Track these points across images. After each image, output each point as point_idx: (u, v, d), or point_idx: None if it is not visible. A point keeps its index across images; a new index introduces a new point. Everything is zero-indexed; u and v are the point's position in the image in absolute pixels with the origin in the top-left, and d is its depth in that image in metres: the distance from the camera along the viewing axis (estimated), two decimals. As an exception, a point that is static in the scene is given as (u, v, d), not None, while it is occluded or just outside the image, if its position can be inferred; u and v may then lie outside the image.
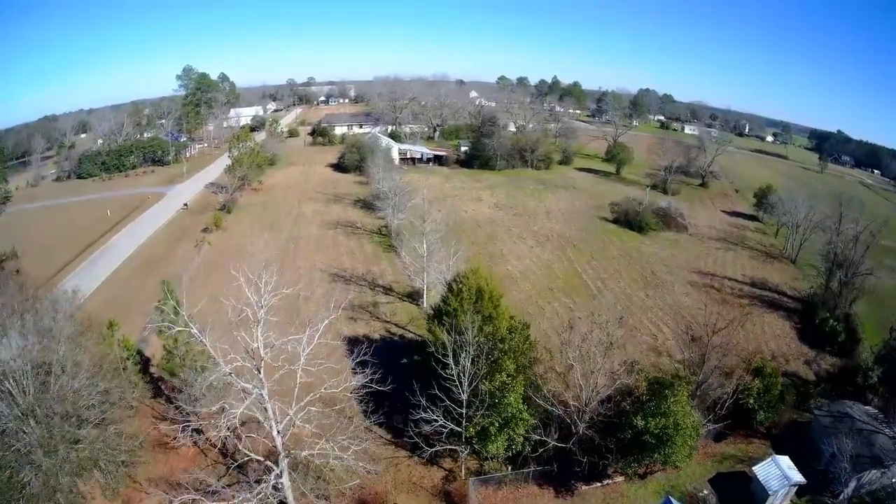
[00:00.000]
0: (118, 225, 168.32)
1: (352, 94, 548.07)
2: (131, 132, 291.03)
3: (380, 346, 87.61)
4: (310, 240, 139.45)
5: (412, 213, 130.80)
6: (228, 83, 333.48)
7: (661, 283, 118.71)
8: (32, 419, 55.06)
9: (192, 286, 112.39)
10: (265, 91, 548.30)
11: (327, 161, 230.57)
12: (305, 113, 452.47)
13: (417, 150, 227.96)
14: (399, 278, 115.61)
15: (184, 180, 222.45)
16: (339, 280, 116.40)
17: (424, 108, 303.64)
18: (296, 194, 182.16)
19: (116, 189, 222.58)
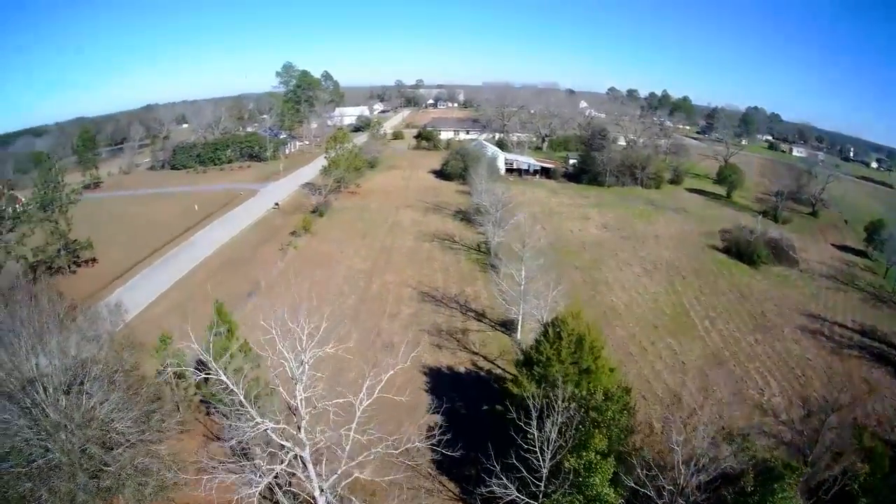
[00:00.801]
0: (204, 221, 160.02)
1: (461, 98, 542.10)
2: (229, 126, 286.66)
3: (464, 380, 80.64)
4: (403, 252, 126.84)
5: (515, 230, 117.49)
6: (332, 82, 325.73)
7: (771, 327, 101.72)
8: (63, 434, 50.38)
9: (268, 295, 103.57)
10: (372, 91, 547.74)
11: (430, 167, 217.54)
12: (413, 116, 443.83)
13: (524, 161, 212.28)
14: (494, 303, 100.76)
15: (279, 178, 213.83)
16: (430, 300, 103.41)
17: (533, 116, 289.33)
18: (394, 201, 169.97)
19: (208, 183, 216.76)
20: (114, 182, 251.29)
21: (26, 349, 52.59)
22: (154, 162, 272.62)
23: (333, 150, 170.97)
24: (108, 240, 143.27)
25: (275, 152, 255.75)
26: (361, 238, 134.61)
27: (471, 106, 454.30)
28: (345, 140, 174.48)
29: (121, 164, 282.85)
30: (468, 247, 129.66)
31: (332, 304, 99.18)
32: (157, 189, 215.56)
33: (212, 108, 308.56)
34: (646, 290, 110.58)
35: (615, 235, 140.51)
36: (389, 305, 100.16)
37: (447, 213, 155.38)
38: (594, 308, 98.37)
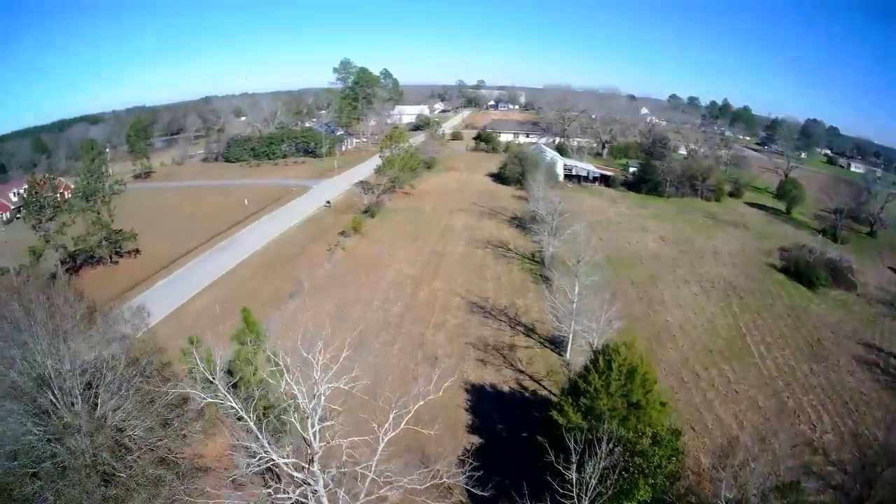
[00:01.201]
0: (253, 216, 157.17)
1: (522, 100, 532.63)
2: (286, 121, 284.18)
3: (507, 400, 75.07)
4: (454, 258, 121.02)
5: (571, 241, 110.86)
6: (391, 80, 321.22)
7: (827, 356, 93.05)
8: (72, 438, 48.41)
9: (311, 297, 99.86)
10: (433, 91, 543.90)
11: (488, 169, 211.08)
12: (473, 116, 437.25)
13: (583, 168, 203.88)
14: (544, 318, 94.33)
15: (333, 175, 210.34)
16: (478, 311, 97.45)
17: (594, 121, 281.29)
18: (448, 204, 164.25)
19: (261, 177, 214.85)
20: (166, 172, 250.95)
21: (42, 350, 50.09)
22: (208, 154, 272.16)
23: (388, 149, 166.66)
24: (155, 231, 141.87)
25: (330, 149, 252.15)
26: (412, 241, 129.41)
27: (532, 108, 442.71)
28: (400, 139, 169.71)
29: (174, 154, 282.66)
30: (522, 256, 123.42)
31: (377, 311, 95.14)
32: (208, 181, 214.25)
33: (268, 101, 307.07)
34: (702, 311, 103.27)
35: (673, 250, 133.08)
36: (436, 314, 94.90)
37: (502, 218, 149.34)
38: (648, 327, 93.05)
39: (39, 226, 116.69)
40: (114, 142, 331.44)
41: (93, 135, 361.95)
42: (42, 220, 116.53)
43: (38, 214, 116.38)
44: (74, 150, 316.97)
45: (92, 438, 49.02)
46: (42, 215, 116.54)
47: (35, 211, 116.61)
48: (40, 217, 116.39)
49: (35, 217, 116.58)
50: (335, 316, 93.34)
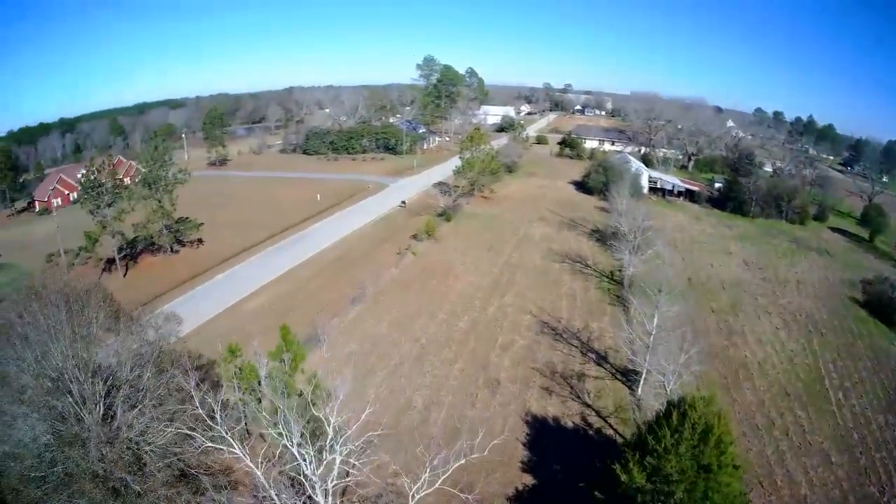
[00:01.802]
0: (325, 212, 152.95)
1: (608, 106, 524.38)
2: (367, 115, 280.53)
3: (569, 437, 66.29)
4: (529, 271, 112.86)
5: (653, 259, 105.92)
6: (476, 79, 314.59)
7: None
8: (82, 447, 45.66)
9: (374, 303, 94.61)
10: (520, 92, 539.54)
11: (571, 177, 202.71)
12: (559, 120, 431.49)
13: (669, 181, 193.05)
14: (618, 345, 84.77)
15: (411, 174, 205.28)
16: (549, 332, 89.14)
17: (680, 132, 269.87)
18: (527, 211, 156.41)
19: (337, 171, 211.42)
20: (242, 161, 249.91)
21: (61, 352, 47.07)
22: (286, 145, 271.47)
23: (469, 150, 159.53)
24: (221, 221, 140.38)
25: (411, 147, 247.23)
26: (486, 250, 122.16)
27: (618, 115, 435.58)
28: (482, 141, 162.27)
29: (252, 143, 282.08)
30: (600, 273, 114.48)
31: (441, 325, 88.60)
32: (283, 173, 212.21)
33: (351, 95, 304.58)
34: (782, 347, 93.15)
35: (756, 276, 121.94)
36: (504, 333, 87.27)
37: (582, 231, 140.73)
38: (726, 363, 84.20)
39: (97, 211, 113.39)
40: (193, 127, 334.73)
41: (172, 119, 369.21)
42: (100, 205, 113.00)
43: (96, 200, 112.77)
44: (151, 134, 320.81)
45: (106, 448, 46.42)
46: (100, 200, 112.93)
47: (92, 196, 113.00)
48: (98, 202, 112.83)
49: (92, 202, 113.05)
50: (397, 325, 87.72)
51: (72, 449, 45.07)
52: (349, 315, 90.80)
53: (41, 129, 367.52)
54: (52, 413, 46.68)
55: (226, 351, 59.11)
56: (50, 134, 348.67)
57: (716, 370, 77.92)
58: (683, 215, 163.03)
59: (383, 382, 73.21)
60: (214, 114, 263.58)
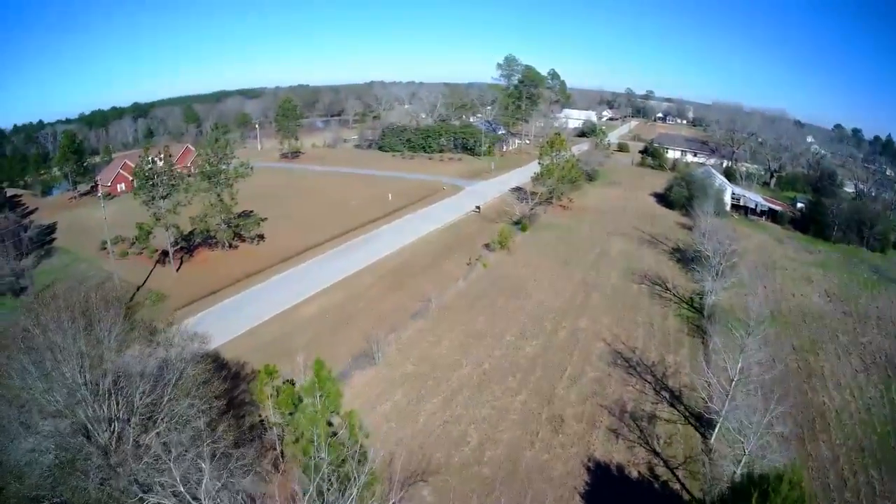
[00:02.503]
0: (394, 214, 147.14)
1: (689, 115, 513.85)
2: (445, 113, 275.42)
3: (633, 490, 58.38)
4: (606, 292, 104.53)
5: (737, 285, 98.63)
6: (558, 81, 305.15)
7: None
8: (82, 474, 42.41)
9: (436, 321, 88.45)
10: (602, 97, 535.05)
11: (653, 188, 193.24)
12: (640, 127, 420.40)
13: (752, 199, 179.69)
14: (694, 383, 75.36)
15: (488, 177, 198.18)
16: (622, 364, 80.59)
17: (762, 146, 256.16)
18: (607, 223, 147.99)
19: (412, 171, 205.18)
20: (315, 154, 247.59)
21: (70, 372, 43.67)
22: (361, 140, 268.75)
23: (548, 156, 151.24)
24: (286, 215, 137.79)
25: (490, 148, 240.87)
26: (562, 265, 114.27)
27: (699, 125, 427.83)
28: (562, 147, 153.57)
29: (327, 137, 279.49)
30: (680, 298, 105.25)
31: (507, 349, 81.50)
32: (355, 169, 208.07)
33: (430, 92, 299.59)
34: (861, 393, 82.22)
35: (837, 309, 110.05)
36: (574, 363, 79.31)
37: (663, 249, 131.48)
38: (803, 411, 74.22)
39: (152, 203, 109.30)
40: (269, 118, 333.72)
41: (248, 109, 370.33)
42: (154, 196, 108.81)
43: (150, 191, 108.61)
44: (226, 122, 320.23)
45: (110, 476, 43.42)
46: (154, 192, 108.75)
47: (146, 187, 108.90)
48: (152, 194, 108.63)
49: (146, 193, 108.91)
50: (459, 346, 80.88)
51: (73, 475, 42.17)
52: (408, 331, 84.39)
53: (114, 114, 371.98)
54: (58, 433, 43.76)
55: (262, 372, 53.92)
56: (122, 118, 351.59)
57: (793, 418, 68.75)
58: (766, 237, 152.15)
59: (437, 411, 66.63)
60: (288, 105, 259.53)
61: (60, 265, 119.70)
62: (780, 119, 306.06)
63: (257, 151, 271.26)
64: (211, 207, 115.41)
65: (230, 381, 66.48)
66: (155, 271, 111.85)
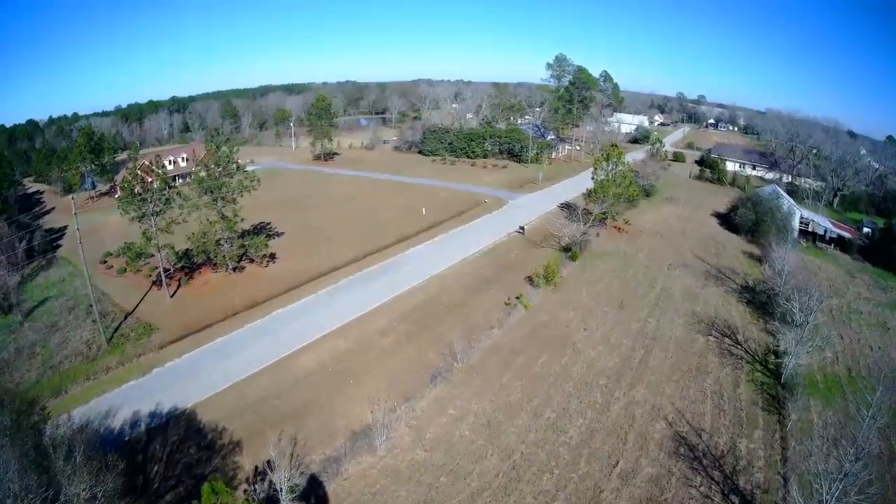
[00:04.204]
0: (426, 232, 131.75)
1: (741, 122, 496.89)
2: (489, 115, 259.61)
3: None
4: (667, 348, 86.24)
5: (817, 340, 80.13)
6: (611, 84, 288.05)
7: None
8: None
9: (459, 388, 72.06)
10: (653, 100, 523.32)
11: (713, 207, 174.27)
12: (693, 134, 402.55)
13: (821, 224, 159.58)
14: (770, 481, 59.53)
15: (534, 189, 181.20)
16: (685, 454, 62.89)
17: (826, 161, 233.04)
18: (666, 251, 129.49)
19: (452, 179, 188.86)
20: (351, 157, 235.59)
21: None
22: (401, 142, 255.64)
23: (603, 169, 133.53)
24: (306, 228, 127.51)
25: (537, 155, 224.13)
26: (616, 309, 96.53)
27: (751, 132, 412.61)
28: (619, 160, 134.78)
29: (365, 138, 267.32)
30: (752, 354, 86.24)
31: (546, 431, 64.93)
32: (390, 175, 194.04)
33: (474, 92, 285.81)
34: None
35: None
36: (626, 452, 61.97)
37: (730, 286, 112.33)
38: None
39: (143, 219, 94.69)
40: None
41: (288, 105, 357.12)
42: (146, 212, 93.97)
43: (140, 206, 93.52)
44: (265, 118, 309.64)
45: None
46: (145, 208, 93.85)
47: (134, 201, 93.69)
48: (142, 209, 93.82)
49: (135, 208, 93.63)
50: (486, 424, 64.44)
51: None
52: (424, 399, 68.42)
53: (150, 107, 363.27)
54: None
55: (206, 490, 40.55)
56: (158, 112, 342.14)
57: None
58: (835, 269, 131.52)
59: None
60: (321, 104, 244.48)
61: (57, 279, 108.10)
62: (836, 130, 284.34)
63: (290, 152, 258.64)
64: (211, 226, 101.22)
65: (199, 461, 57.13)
66: (150, 295, 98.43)
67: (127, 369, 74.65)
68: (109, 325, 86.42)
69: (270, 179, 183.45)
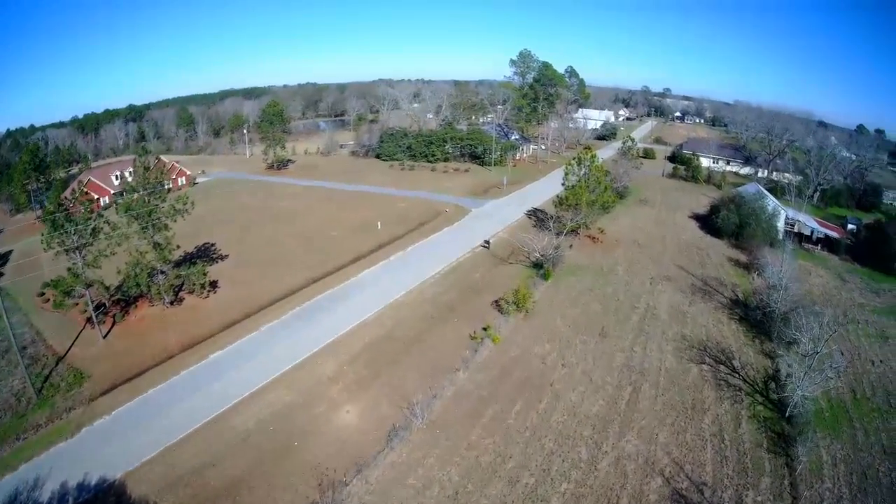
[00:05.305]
0: (382, 250, 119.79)
1: (708, 114, 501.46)
2: (450, 116, 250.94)
3: None
4: (657, 382, 75.20)
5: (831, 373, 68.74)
6: (577, 79, 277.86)
7: None
8: None
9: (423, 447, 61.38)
10: (617, 94, 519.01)
11: (690, 207, 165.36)
12: (661, 129, 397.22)
13: (808, 224, 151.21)
14: None
15: (499, 195, 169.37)
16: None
17: (803, 154, 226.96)
18: (647, 262, 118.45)
19: (411, 186, 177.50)
20: (306, 163, 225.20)
21: None
22: (358, 146, 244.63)
23: (574, 174, 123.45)
24: (252, 250, 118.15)
25: (501, 156, 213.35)
26: (598, 338, 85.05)
27: (719, 124, 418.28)
28: (593, 164, 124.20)
29: (321, 143, 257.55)
30: (752, 383, 76.13)
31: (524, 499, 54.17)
32: (345, 184, 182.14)
33: (434, 92, 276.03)
34: None
35: None
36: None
37: (720, 300, 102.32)
38: None
39: (68, 254, 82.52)
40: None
41: (245, 110, 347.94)
42: (69, 248, 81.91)
43: (62, 238, 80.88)
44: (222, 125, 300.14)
45: None
46: (67, 241, 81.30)
47: (55, 236, 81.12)
48: (66, 244, 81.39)
49: (56, 240, 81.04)
50: (452, 498, 53.36)
51: None
52: (379, 466, 57.04)
53: (107, 117, 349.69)
54: None
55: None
56: (114, 122, 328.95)
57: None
58: (826, 274, 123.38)
59: None
60: (273, 109, 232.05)
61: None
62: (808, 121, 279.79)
63: (244, 160, 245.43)
64: (142, 256, 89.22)
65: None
66: (84, 334, 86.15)
67: (56, 427, 63.96)
68: (40, 372, 75.57)
69: (219, 193, 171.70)
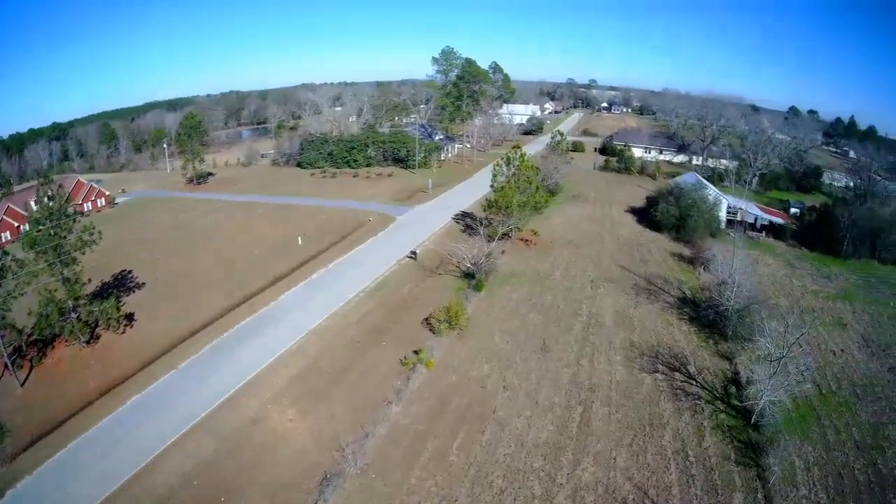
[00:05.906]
0: (304, 268, 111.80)
1: (635, 103, 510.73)
2: (372, 119, 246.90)
3: None
4: (609, 399, 69.25)
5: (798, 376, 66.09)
6: (501, 75, 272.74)
7: None
8: None
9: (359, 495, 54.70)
10: (542, 88, 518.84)
11: (626, 201, 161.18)
12: (588, 120, 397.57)
13: (751, 212, 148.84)
14: None
15: (425, 200, 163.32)
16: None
17: (738, 140, 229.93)
18: (587, 264, 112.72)
19: (333, 195, 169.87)
20: (226, 176, 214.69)
21: None
22: (278, 155, 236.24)
23: (503, 174, 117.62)
24: (169, 277, 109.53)
25: (426, 158, 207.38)
26: (540, 353, 78.63)
27: (648, 113, 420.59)
28: (522, 163, 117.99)
29: (241, 154, 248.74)
30: (710, 390, 71.07)
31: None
32: (266, 196, 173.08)
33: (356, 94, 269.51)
34: None
35: (883, 366, 79.03)
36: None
37: (666, 301, 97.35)
38: None
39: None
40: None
41: (167, 122, 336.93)
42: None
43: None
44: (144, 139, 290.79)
45: None
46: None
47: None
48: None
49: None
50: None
51: None
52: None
53: (31, 136, 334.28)
54: None
55: None
56: (38, 141, 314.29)
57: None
58: (775, 262, 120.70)
59: None
60: (190, 122, 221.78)
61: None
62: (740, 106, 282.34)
63: (165, 175, 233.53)
64: (51, 294, 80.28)
65: None
66: (2, 382, 76.51)
67: (-21, 492, 55.59)
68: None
69: (137, 213, 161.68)
